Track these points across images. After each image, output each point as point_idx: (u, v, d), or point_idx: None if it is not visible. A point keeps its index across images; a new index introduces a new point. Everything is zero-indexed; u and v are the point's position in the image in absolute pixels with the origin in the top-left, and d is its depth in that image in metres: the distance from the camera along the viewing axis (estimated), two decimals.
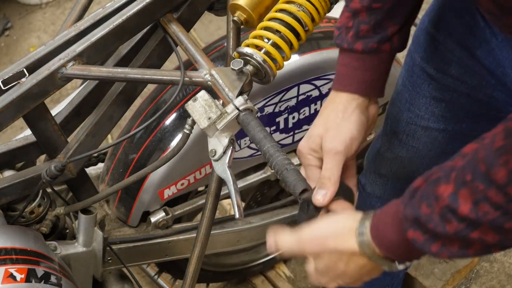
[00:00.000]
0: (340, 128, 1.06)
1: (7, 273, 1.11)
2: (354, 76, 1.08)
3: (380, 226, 0.90)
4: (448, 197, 0.82)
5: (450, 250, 0.85)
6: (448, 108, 1.27)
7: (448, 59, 1.20)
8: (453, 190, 0.82)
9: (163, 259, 1.66)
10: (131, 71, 1.22)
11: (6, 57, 3.05)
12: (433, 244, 0.85)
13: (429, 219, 0.84)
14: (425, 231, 0.85)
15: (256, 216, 1.77)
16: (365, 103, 1.09)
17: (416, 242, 0.87)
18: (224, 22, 1.30)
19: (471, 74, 1.19)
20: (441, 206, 0.83)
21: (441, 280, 2.05)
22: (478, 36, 1.13)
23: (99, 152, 1.53)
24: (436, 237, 0.85)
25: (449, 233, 0.83)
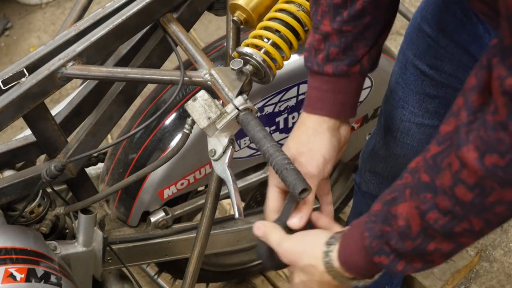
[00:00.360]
0: (311, 153, 1.07)
1: (7, 273, 1.11)
2: (324, 99, 1.08)
3: (347, 252, 0.93)
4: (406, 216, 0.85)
5: (414, 267, 0.89)
6: (442, 104, 1.27)
7: (441, 56, 1.20)
8: (413, 205, 0.85)
9: (163, 259, 1.66)
10: (131, 71, 1.22)
11: (6, 57, 3.05)
12: (398, 263, 0.89)
13: (391, 237, 0.87)
14: (389, 253, 0.88)
15: (256, 216, 1.77)
16: (336, 124, 1.10)
17: (382, 265, 0.90)
18: (223, 22, 1.30)
19: (464, 70, 1.19)
20: (399, 225, 0.86)
21: (441, 280, 2.05)
22: (471, 32, 1.13)
23: (99, 152, 1.53)
24: (400, 256, 0.88)
25: (409, 250, 0.86)
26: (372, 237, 0.90)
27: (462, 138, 0.76)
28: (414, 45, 1.25)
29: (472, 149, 0.75)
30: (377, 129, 1.45)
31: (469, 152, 0.75)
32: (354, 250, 0.92)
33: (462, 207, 0.80)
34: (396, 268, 0.89)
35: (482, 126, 0.74)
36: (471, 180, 0.77)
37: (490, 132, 0.73)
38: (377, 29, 1.08)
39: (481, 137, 0.74)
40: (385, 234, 0.88)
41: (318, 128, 1.08)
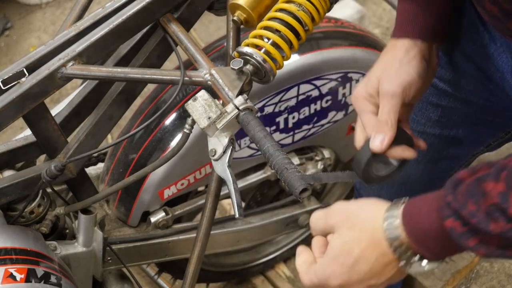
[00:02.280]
0: (399, 71, 1.03)
1: (7, 273, 1.11)
2: (415, 21, 1.05)
3: (414, 212, 0.85)
4: (498, 195, 0.78)
5: (488, 248, 0.81)
6: (444, 113, 1.26)
7: (445, 64, 1.20)
8: (504, 188, 0.78)
9: (163, 259, 1.66)
10: (131, 71, 1.22)
11: (6, 57, 3.05)
12: (471, 238, 0.81)
13: (473, 215, 0.80)
14: (465, 223, 0.80)
15: (256, 216, 1.77)
16: (426, 50, 1.07)
17: (453, 232, 0.81)
18: (224, 22, 1.30)
19: (468, 80, 1.18)
20: (489, 204, 0.79)
21: (441, 280, 2.05)
22: (476, 42, 1.13)
23: (99, 152, 1.52)
24: (476, 232, 0.80)
25: (493, 232, 0.79)
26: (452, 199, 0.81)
27: None
28: None
29: None
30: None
31: None
32: (423, 208, 0.84)
33: None
34: (467, 242, 0.81)
35: None
36: None
37: None
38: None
39: None
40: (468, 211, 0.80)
41: (409, 49, 1.05)
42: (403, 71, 1.04)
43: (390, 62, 1.05)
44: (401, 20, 1.07)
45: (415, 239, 0.85)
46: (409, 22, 1.06)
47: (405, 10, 1.07)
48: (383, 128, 1.01)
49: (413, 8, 1.06)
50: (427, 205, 0.85)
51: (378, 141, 1.00)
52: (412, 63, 1.05)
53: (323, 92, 1.64)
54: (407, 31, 1.06)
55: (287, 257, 2.17)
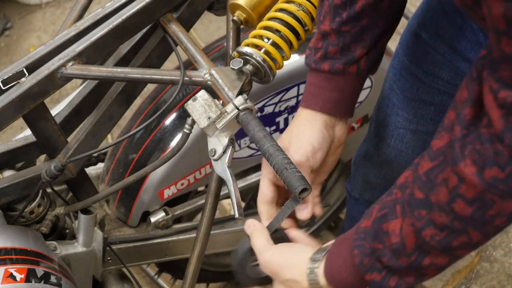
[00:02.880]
0: (300, 142, 1.08)
1: (7, 273, 1.10)
2: (320, 95, 1.09)
3: (335, 272, 0.92)
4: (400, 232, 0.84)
5: (407, 281, 0.88)
6: (438, 111, 1.26)
7: (438, 62, 1.20)
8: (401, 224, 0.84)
9: (163, 259, 1.66)
10: (131, 70, 1.22)
11: (6, 57, 3.05)
12: (391, 279, 0.88)
13: (383, 254, 0.86)
14: (381, 270, 0.88)
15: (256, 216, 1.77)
16: (331, 121, 1.10)
17: (374, 282, 0.89)
18: (224, 22, 1.30)
19: (462, 77, 1.18)
20: (392, 243, 0.85)
21: (441, 280, 2.05)
22: (470, 39, 1.13)
23: (99, 152, 1.53)
24: (392, 271, 0.87)
25: (403, 266, 0.86)
26: (362, 254, 0.89)
27: (458, 153, 0.76)
28: (410, 51, 1.25)
29: (470, 163, 0.74)
30: (368, 136, 1.44)
31: (466, 167, 0.75)
32: (342, 267, 0.91)
33: (461, 221, 0.79)
34: (389, 284, 0.88)
35: (477, 139, 0.74)
36: (471, 195, 0.76)
37: (487, 145, 0.72)
38: (376, 32, 1.08)
39: (478, 150, 0.73)
40: (377, 251, 0.87)
41: (311, 119, 1.09)
42: (304, 142, 1.07)
43: (294, 133, 1.09)
44: (308, 92, 1.11)
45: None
46: (314, 95, 1.10)
47: (312, 83, 1.11)
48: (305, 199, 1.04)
49: (319, 82, 1.10)
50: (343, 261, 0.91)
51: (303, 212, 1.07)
52: (312, 131, 1.08)
53: None
54: (311, 103, 1.10)
55: None
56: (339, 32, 1.06)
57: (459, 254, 0.85)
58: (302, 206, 1.06)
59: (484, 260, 2.19)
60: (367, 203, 1.53)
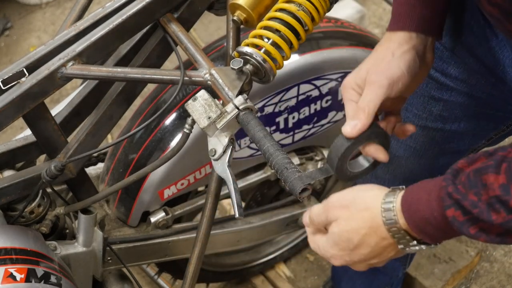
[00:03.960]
0: (389, 64, 1.01)
1: (7, 273, 1.10)
2: (412, 13, 1.04)
3: (414, 200, 0.87)
4: (499, 187, 0.80)
5: (488, 236, 0.83)
6: (446, 107, 1.27)
7: (447, 58, 1.20)
8: (505, 181, 0.80)
9: (163, 259, 1.66)
10: (131, 70, 1.22)
11: (6, 57, 3.05)
12: (472, 226, 0.83)
13: (475, 206, 0.82)
14: (466, 213, 0.83)
15: (256, 216, 1.77)
16: (421, 46, 1.05)
17: (455, 221, 0.84)
18: (224, 22, 1.30)
19: (470, 73, 1.18)
20: (490, 196, 0.81)
21: (441, 280, 2.05)
22: (477, 35, 1.13)
23: (99, 152, 1.52)
24: (477, 221, 0.82)
25: (495, 222, 0.81)
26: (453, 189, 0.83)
27: None
28: None
29: None
30: None
31: None
32: (423, 198, 0.86)
33: None
34: (468, 230, 0.83)
35: None
36: None
37: None
38: None
39: None
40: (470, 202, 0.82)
41: (403, 43, 1.03)
42: (393, 65, 1.02)
43: (382, 55, 1.03)
44: (398, 13, 1.06)
45: (415, 226, 0.87)
46: (406, 14, 1.04)
47: (402, 3, 1.06)
48: (359, 115, 0.99)
49: (410, 1, 1.05)
50: (426, 194, 0.86)
51: (349, 126, 0.99)
52: (404, 57, 1.03)
53: (323, 92, 1.64)
54: (403, 24, 1.04)
55: (287, 257, 2.18)
56: None
57: None
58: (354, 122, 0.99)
59: (484, 260, 2.19)
60: None
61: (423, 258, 2.10)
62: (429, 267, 2.07)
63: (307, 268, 2.21)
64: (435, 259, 2.10)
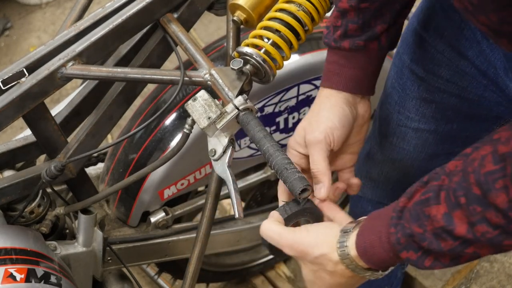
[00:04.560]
0: (320, 119, 1.07)
1: (7, 273, 1.10)
2: (341, 73, 1.09)
3: (367, 245, 0.92)
4: (442, 218, 0.84)
5: (443, 263, 0.88)
6: (438, 109, 1.26)
7: (438, 60, 1.20)
8: (446, 210, 0.83)
9: (163, 259, 1.66)
10: (131, 71, 1.22)
11: (6, 57, 3.05)
12: (426, 259, 0.88)
13: (423, 238, 0.86)
14: (418, 249, 0.87)
15: (256, 216, 1.77)
16: (353, 99, 1.09)
17: (409, 260, 0.89)
18: (224, 22, 1.30)
19: (461, 75, 1.18)
20: (435, 227, 0.84)
21: (441, 280, 2.05)
22: (469, 37, 1.13)
23: (99, 152, 1.53)
24: (429, 253, 0.87)
25: (444, 250, 0.85)
26: (401, 234, 0.88)
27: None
28: (410, 49, 1.25)
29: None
30: (372, 134, 1.45)
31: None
32: (376, 242, 0.90)
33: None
34: (424, 264, 0.88)
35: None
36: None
37: None
38: (396, 7, 1.08)
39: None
40: (417, 235, 0.86)
41: (332, 98, 1.08)
42: (323, 118, 1.06)
43: (314, 111, 1.09)
44: (328, 71, 1.11)
45: (372, 264, 0.93)
46: (335, 74, 1.09)
47: (332, 61, 1.10)
48: (318, 177, 1.04)
49: (339, 60, 1.09)
50: (377, 238, 0.91)
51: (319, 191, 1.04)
52: (333, 110, 1.07)
53: None
54: (333, 82, 1.09)
55: (287, 257, 2.17)
56: (358, 9, 1.06)
57: (507, 249, 0.84)
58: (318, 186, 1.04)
59: (484, 260, 2.19)
60: (369, 201, 1.53)
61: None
62: None
63: None
64: None
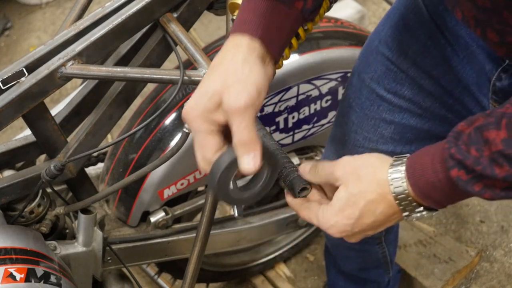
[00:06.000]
0: (243, 83, 0.88)
1: (7, 273, 1.10)
2: (260, 21, 0.93)
3: (417, 165, 0.87)
4: (501, 142, 0.81)
5: (493, 191, 0.84)
6: (398, 130, 1.24)
7: (401, 80, 1.18)
8: (506, 135, 0.81)
9: (163, 259, 1.66)
10: (130, 70, 1.22)
11: (6, 57, 3.05)
12: (477, 184, 0.84)
13: (477, 163, 0.82)
14: (470, 171, 0.83)
15: (256, 216, 1.77)
16: (264, 57, 0.94)
17: (459, 180, 0.84)
18: (223, 21, 1.30)
19: (425, 95, 1.17)
20: (493, 151, 0.81)
21: (441, 280, 2.05)
22: (435, 55, 1.11)
23: (99, 151, 1.53)
24: (481, 178, 0.83)
25: (498, 177, 0.82)
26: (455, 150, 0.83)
27: None
28: (371, 68, 1.22)
29: None
30: (326, 154, 1.42)
31: None
32: (427, 163, 0.86)
33: None
34: (473, 188, 0.84)
35: None
36: None
37: None
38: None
39: None
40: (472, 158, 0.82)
41: (247, 55, 0.91)
42: (249, 80, 0.89)
43: (230, 72, 0.90)
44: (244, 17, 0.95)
45: (420, 192, 0.87)
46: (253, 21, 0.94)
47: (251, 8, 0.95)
48: (249, 146, 0.87)
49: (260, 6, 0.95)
50: (430, 158, 0.87)
51: (249, 161, 0.87)
52: (255, 69, 0.90)
53: (323, 92, 1.64)
54: (249, 29, 0.93)
55: (287, 257, 2.17)
56: None
57: None
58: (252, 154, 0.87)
59: (484, 260, 2.19)
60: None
61: (423, 258, 2.10)
62: (429, 267, 2.07)
63: (307, 268, 2.21)
64: (435, 259, 2.10)
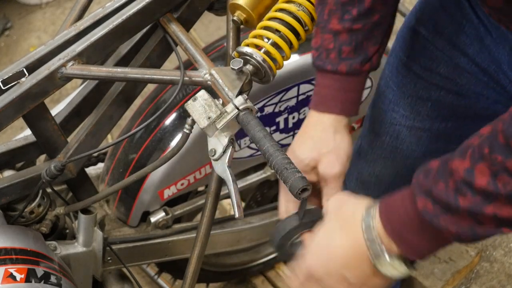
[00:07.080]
0: (337, 151, 1.08)
1: (7, 273, 1.10)
2: (337, 97, 1.10)
3: (389, 202, 0.90)
4: (464, 171, 0.81)
5: (460, 226, 0.83)
6: (434, 107, 1.26)
7: (437, 58, 1.19)
8: (469, 165, 0.81)
9: (163, 259, 1.66)
10: (131, 70, 1.22)
11: (6, 57, 3.05)
12: (443, 217, 0.84)
13: (443, 194, 0.83)
14: (436, 202, 0.83)
15: (256, 216, 1.77)
16: (348, 122, 1.12)
17: (426, 212, 0.84)
18: (224, 22, 1.30)
19: (460, 72, 1.18)
20: (456, 180, 0.82)
21: (441, 280, 2.05)
22: (470, 34, 1.13)
23: (99, 151, 1.53)
24: (447, 209, 0.83)
25: (462, 207, 0.81)
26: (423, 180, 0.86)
27: None
28: (408, 47, 1.24)
29: None
30: (363, 133, 1.44)
31: None
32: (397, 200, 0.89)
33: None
34: (439, 222, 0.84)
35: None
36: None
37: None
38: (385, 27, 1.08)
39: None
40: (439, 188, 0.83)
41: (337, 126, 1.10)
42: (341, 151, 1.09)
43: (324, 142, 1.09)
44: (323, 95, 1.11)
45: (391, 229, 0.89)
46: (332, 98, 1.10)
47: (326, 85, 1.10)
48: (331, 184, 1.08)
49: (333, 84, 1.10)
50: (401, 195, 0.89)
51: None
52: (344, 140, 1.10)
53: None
54: (331, 107, 1.10)
55: None
56: (351, 30, 1.06)
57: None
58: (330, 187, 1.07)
59: (484, 260, 2.19)
60: None
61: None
62: (429, 267, 2.07)
63: None
64: (435, 259, 2.10)
